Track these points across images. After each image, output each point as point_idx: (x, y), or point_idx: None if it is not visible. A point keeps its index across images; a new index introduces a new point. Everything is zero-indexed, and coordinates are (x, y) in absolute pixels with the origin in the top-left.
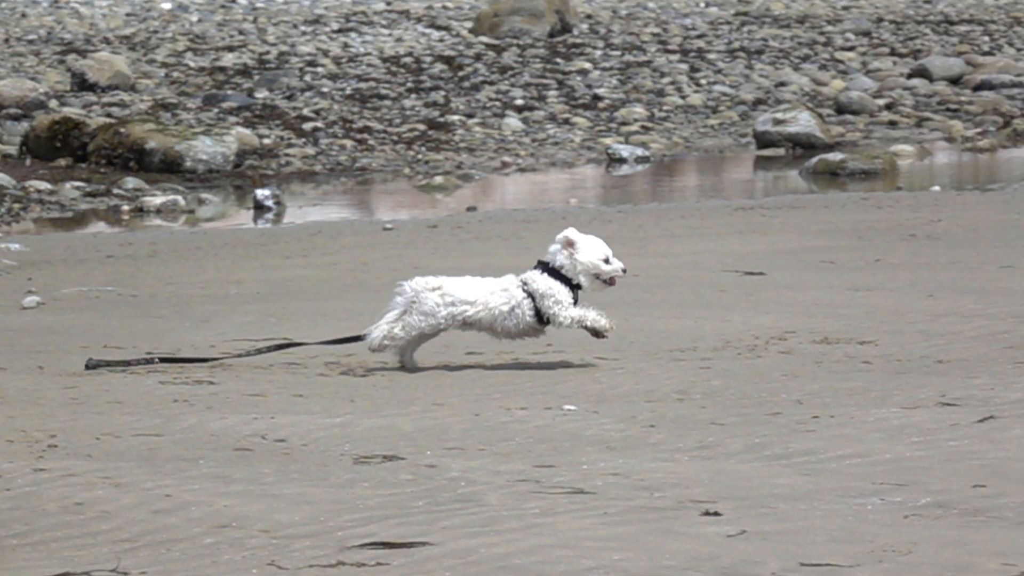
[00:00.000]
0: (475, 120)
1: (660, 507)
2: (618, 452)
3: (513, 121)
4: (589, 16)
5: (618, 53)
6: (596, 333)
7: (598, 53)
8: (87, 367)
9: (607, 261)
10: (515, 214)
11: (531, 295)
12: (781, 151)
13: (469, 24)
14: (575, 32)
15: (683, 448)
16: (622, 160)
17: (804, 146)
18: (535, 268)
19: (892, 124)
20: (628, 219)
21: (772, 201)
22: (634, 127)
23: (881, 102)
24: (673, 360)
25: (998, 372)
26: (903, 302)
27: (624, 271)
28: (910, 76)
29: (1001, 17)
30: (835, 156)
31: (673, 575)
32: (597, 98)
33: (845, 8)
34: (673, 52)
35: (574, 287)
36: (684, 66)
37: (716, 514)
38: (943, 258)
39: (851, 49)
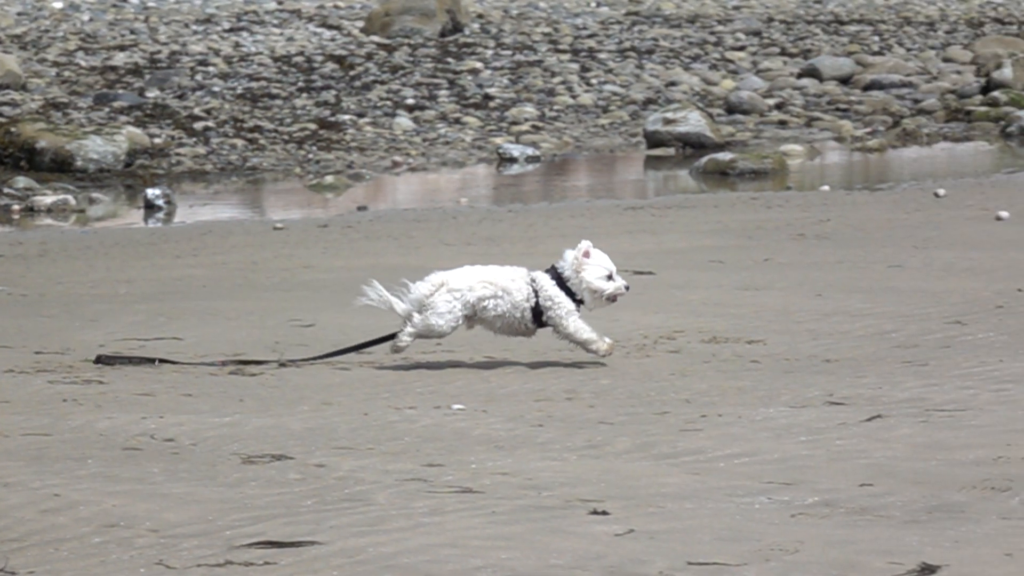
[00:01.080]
0: (366, 119)
1: (548, 506)
2: (506, 451)
3: (404, 120)
4: (480, 16)
5: (509, 53)
6: (589, 350)
7: (489, 53)
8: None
9: (610, 278)
10: (406, 214)
11: (537, 294)
12: (671, 151)
13: (360, 23)
14: (466, 31)
15: (571, 447)
16: (512, 160)
17: (694, 146)
18: (546, 272)
19: (782, 124)
20: (518, 219)
21: (662, 201)
22: (525, 127)
23: (771, 102)
24: (562, 359)
25: (885, 371)
26: (791, 301)
27: (627, 288)
28: (800, 76)
29: (891, 17)
30: (725, 156)
31: (560, 574)
32: (488, 97)
33: (736, 8)
34: (564, 52)
35: (577, 301)
36: (575, 66)
37: (604, 513)
38: (832, 257)
39: (741, 49)
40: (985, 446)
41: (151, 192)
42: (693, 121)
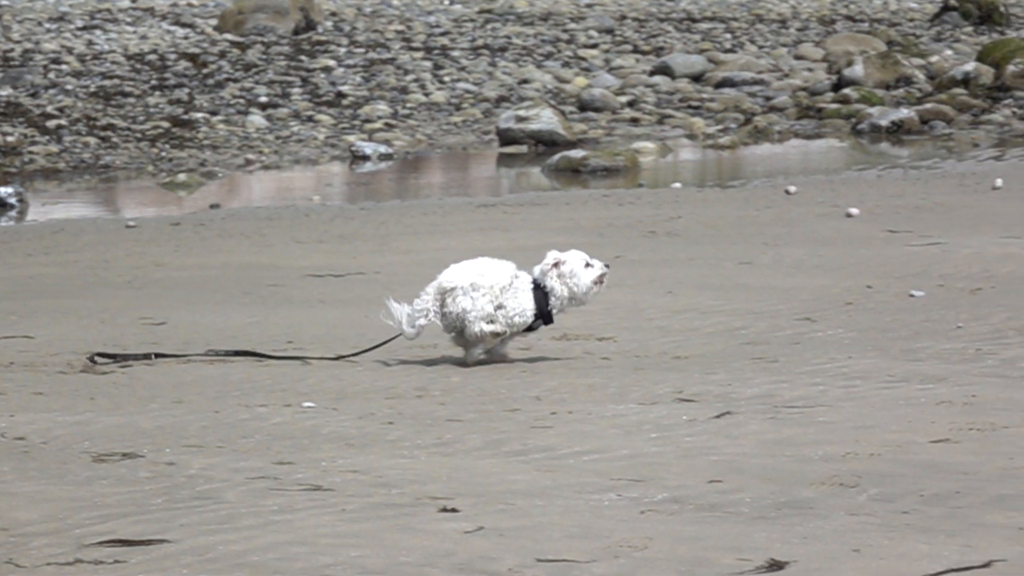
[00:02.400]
0: (219, 117)
1: (398, 503)
2: (357, 449)
3: (257, 118)
4: (334, 14)
5: (362, 51)
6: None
7: (342, 50)
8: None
9: (588, 265)
10: (258, 211)
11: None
12: (524, 148)
13: (214, 22)
14: (320, 29)
15: (421, 445)
16: (365, 157)
17: (547, 143)
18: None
19: (634, 121)
20: (371, 216)
21: (514, 198)
22: (378, 124)
23: (623, 99)
24: (413, 357)
25: (735, 368)
26: (642, 298)
27: (607, 267)
28: (652, 73)
29: (743, 15)
30: (577, 153)
31: (410, 571)
32: (341, 95)
33: (588, 6)
34: (417, 50)
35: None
36: (428, 63)
37: (453, 510)
38: (682, 255)
39: (594, 47)
40: (833, 442)
41: (3, 190)
42: (545, 119)
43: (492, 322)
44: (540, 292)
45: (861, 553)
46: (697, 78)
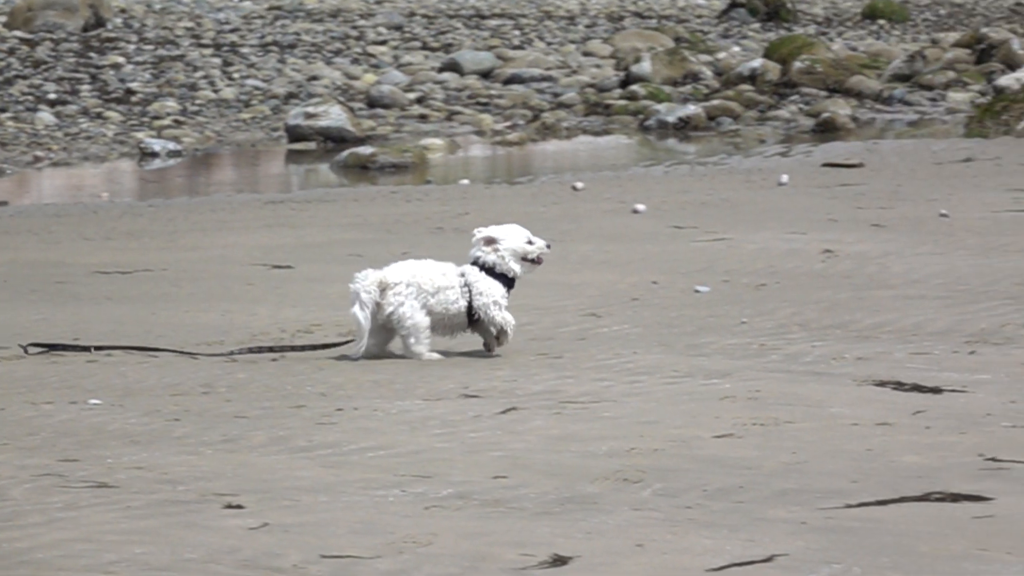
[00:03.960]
0: (7, 114)
1: (183, 500)
2: (142, 446)
3: (46, 115)
4: (123, 10)
5: (152, 47)
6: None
7: (132, 47)
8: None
9: (530, 242)
10: (47, 208)
11: (468, 288)
12: (312, 145)
13: (3, 19)
14: (109, 26)
15: (207, 441)
16: (154, 154)
17: (335, 140)
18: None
19: (423, 118)
20: (159, 213)
21: (302, 195)
22: (167, 121)
23: (412, 96)
24: (201, 352)
25: (521, 364)
26: None
27: (549, 247)
28: (441, 70)
29: (532, 11)
30: (365, 150)
31: (194, 568)
32: (130, 92)
33: (378, 2)
34: (207, 47)
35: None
36: (217, 60)
37: (238, 507)
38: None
39: (383, 43)
40: (618, 438)
41: None
42: (334, 115)
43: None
44: (494, 273)
45: (644, 548)
46: (486, 75)
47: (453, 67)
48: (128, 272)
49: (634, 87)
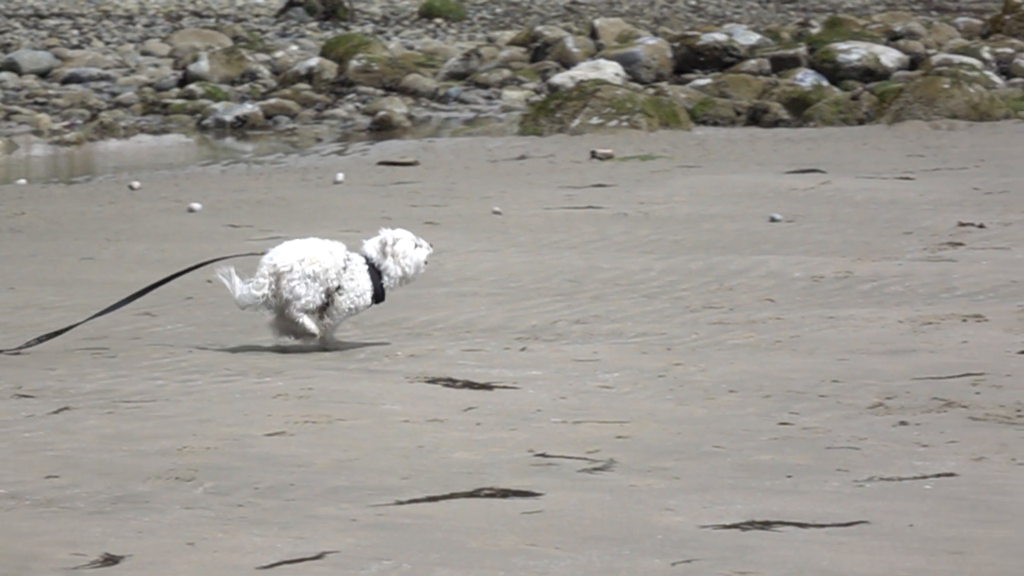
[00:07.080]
0: None
1: None
2: None
3: None
4: None
5: None
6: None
7: None
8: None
9: (417, 246)
10: None
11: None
12: None
13: None
14: None
15: None
16: None
17: None
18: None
19: None
20: None
21: None
22: None
23: None
24: None
25: (74, 363)
26: None
27: (431, 247)
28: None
29: (91, 11)
30: None
31: None
32: None
33: None
34: None
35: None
36: None
37: None
38: (24, 251)
39: None
40: (171, 436)
41: None
42: None
43: (318, 316)
44: (374, 271)
45: (196, 546)
46: (44, 74)
47: (11, 67)
48: None
49: (192, 86)
